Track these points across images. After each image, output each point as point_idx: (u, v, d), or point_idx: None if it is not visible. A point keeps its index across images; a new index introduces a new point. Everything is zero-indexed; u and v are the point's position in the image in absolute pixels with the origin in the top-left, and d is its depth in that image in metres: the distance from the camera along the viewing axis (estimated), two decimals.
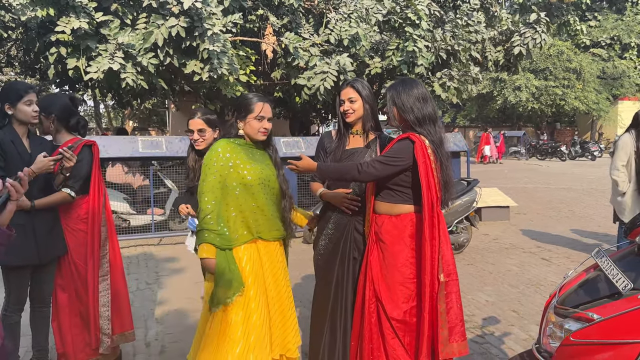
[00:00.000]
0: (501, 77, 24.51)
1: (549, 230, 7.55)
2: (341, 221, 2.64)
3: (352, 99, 2.65)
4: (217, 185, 2.28)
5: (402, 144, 2.32)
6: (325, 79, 6.55)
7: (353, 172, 2.35)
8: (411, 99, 2.39)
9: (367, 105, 2.68)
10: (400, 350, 2.30)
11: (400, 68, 7.19)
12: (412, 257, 2.34)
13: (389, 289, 2.33)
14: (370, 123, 2.70)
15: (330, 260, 2.66)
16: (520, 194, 11.43)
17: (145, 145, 6.57)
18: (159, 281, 5.20)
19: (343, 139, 2.72)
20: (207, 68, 5.96)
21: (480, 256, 6.04)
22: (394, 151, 2.33)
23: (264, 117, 2.42)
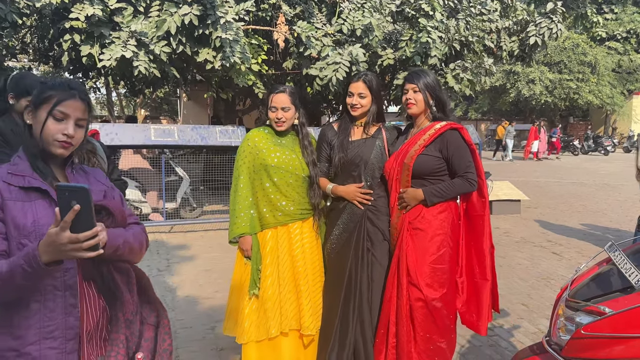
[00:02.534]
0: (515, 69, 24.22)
1: (560, 224, 7.50)
2: (356, 211, 2.65)
3: (362, 94, 2.65)
4: (246, 170, 2.62)
5: (458, 138, 2.48)
6: (337, 70, 6.51)
7: (465, 187, 2.47)
8: (439, 85, 2.59)
9: (375, 100, 2.69)
10: (429, 319, 2.41)
11: (413, 59, 7.13)
12: (451, 244, 2.46)
13: (424, 273, 2.42)
14: (375, 116, 2.71)
15: (344, 251, 2.66)
16: (532, 187, 11.35)
17: (158, 133, 6.62)
18: (170, 268, 5.26)
19: (348, 131, 2.72)
20: (219, 56, 5.95)
21: None
22: (463, 148, 2.48)
23: (276, 108, 2.60)
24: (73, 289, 1.36)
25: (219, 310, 4.03)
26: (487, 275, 2.47)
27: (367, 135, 2.71)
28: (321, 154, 2.78)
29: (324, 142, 2.77)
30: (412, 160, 2.49)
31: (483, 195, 2.46)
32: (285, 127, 2.64)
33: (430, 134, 2.49)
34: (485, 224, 2.47)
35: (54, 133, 1.39)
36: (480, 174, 2.46)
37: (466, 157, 2.46)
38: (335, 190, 2.69)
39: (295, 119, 2.68)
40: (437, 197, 2.46)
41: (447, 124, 2.49)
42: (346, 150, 2.67)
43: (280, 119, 2.60)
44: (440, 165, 2.49)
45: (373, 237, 2.64)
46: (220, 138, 6.90)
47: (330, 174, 2.78)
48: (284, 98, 2.60)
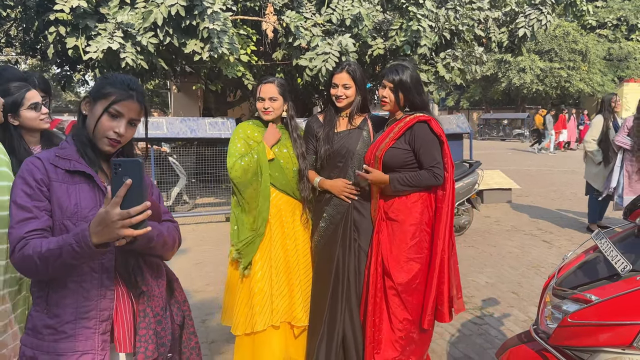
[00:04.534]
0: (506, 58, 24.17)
1: (551, 213, 7.54)
2: (341, 203, 2.66)
3: (346, 85, 2.63)
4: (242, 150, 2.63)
5: (426, 131, 2.47)
6: (327, 60, 6.47)
7: (430, 180, 2.46)
8: (419, 82, 2.56)
9: (360, 91, 2.68)
10: (400, 307, 2.46)
11: (403, 49, 7.10)
12: (421, 232, 2.48)
13: (397, 262, 2.46)
14: (359, 107, 2.70)
15: (331, 242, 2.68)
16: (523, 176, 11.39)
17: None
18: None
19: (333, 122, 2.71)
20: (207, 47, 5.89)
21: (482, 238, 6.04)
22: (431, 141, 2.47)
23: (263, 98, 2.62)
24: (109, 272, 1.40)
25: (210, 303, 4.02)
26: (434, 267, 2.47)
27: (352, 126, 2.70)
28: (308, 146, 2.77)
29: (309, 134, 2.77)
30: (382, 152, 2.51)
31: (444, 188, 2.48)
32: (273, 116, 2.65)
33: (400, 127, 2.51)
34: (443, 217, 2.47)
35: (106, 129, 1.44)
36: (447, 166, 2.47)
37: (433, 151, 2.46)
38: (322, 184, 2.69)
39: (283, 110, 2.69)
40: (401, 184, 2.47)
41: (415, 117, 2.49)
42: (332, 142, 2.66)
43: (267, 108, 2.63)
44: (410, 157, 2.50)
45: (360, 226, 2.65)
46: (209, 130, 6.85)
47: (317, 166, 2.77)
48: (271, 88, 2.63)
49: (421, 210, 2.50)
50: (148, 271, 1.46)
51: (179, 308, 1.59)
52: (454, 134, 8.02)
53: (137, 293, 1.44)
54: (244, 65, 6.70)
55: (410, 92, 2.50)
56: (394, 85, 2.50)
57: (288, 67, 7.83)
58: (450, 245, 2.50)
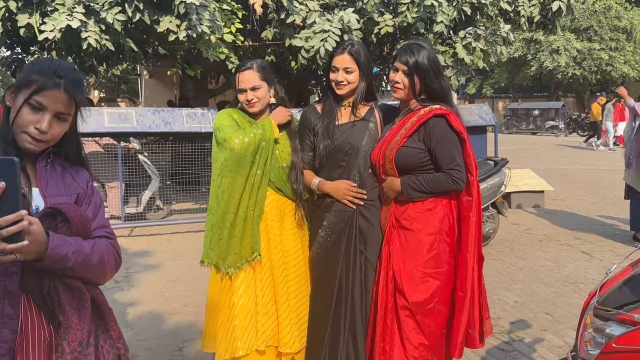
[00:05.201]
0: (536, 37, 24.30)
1: (591, 220, 7.56)
2: (346, 209, 2.67)
3: (348, 69, 2.65)
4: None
5: (443, 127, 2.49)
6: (326, 40, 6.46)
7: (448, 185, 2.48)
8: (438, 65, 2.55)
9: (364, 76, 2.70)
10: (415, 331, 2.47)
11: (416, 26, 7.10)
12: (440, 243, 2.50)
13: (412, 278, 2.47)
14: (364, 94, 2.73)
15: (332, 255, 2.69)
16: (558, 176, 11.43)
17: (113, 118, 6.58)
18: (130, 279, 5.26)
19: (333, 113, 2.73)
20: (184, 25, 5.89)
21: (509, 249, 6.06)
22: (449, 139, 2.49)
23: (244, 89, 2.68)
24: (13, 297, 1.35)
25: (187, 327, 4.03)
26: (464, 288, 2.48)
27: (356, 118, 2.72)
28: (304, 141, 2.79)
29: (306, 127, 2.79)
30: (392, 152, 2.54)
31: (470, 194, 2.49)
32: (259, 107, 2.70)
33: (413, 122, 2.52)
34: (471, 228, 2.48)
35: (25, 124, 1.43)
36: (470, 168, 2.48)
37: (451, 151, 2.48)
38: (321, 186, 2.71)
39: (270, 97, 2.74)
40: (415, 190, 2.49)
41: (430, 110, 2.50)
42: (332, 137, 2.68)
43: (252, 100, 2.67)
44: (425, 158, 2.53)
45: (366, 235, 2.66)
46: (187, 123, 6.86)
47: (315, 165, 2.79)
48: (251, 76, 2.67)
49: (441, 218, 2.51)
50: (65, 297, 1.41)
51: (112, 345, 1.54)
52: (476, 126, 8.06)
53: (55, 323, 1.41)
54: (228, 46, 6.70)
55: (428, 76, 2.50)
56: (409, 69, 2.51)
57: (280, 48, 7.83)
58: (479, 260, 2.52)
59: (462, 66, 7.64)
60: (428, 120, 2.49)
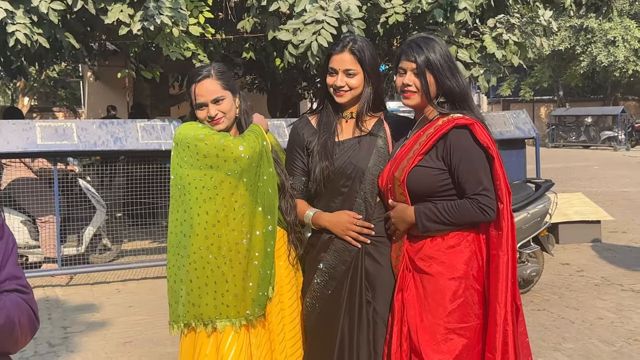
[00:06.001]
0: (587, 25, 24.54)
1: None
2: (349, 248, 2.70)
3: (350, 71, 2.71)
4: None
5: (467, 141, 2.54)
6: (319, 33, 6.51)
7: (474, 215, 2.51)
8: (452, 60, 2.65)
9: (370, 79, 2.76)
10: None
11: (432, 14, 7.18)
12: (467, 290, 2.53)
13: (432, 335, 2.48)
14: (370, 103, 2.79)
15: (332, 307, 2.70)
16: (618, 201, 11.45)
17: (47, 133, 6.56)
18: (68, 341, 5.18)
19: (332, 127, 2.79)
20: (139, 15, 5.92)
21: (558, 297, 6.04)
22: (475, 157, 2.53)
23: (204, 104, 2.72)
24: None
25: None
26: (493, 347, 2.48)
27: (361, 132, 2.78)
28: (294, 163, 2.84)
29: (297, 145, 2.86)
30: (403, 173, 2.57)
31: (499, 227, 2.52)
32: (226, 123, 2.77)
33: (429, 135, 2.58)
34: (502, 270, 2.50)
35: None
36: (500, 194, 2.52)
37: (477, 171, 2.52)
38: (317, 219, 2.75)
39: (236, 107, 2.82)
40: (433, 221, 2.52)
41: (451, 120, 2.56)
42: (331, 157, 2.73)
43: (215, 116, 2.72)
44: (445, 180, 2.58)
45: (375, 281, 2.69)
46: (144, 139, 6.87)
47: (310, 192, 2.82)
48: (211, 85, 2.73)
49: (467, 258, 2.55)
50: None
51: None
52: (512, 139, 8.10)
53: None
54: (195, 41, 6.75)
55: (442, 73, 2.60)
56: (419, 67, 2.59)
57: (261, 42, 7.90)
58: (514, 310, 2.53)
59: (493, 63, 7.70)
60: (448, 133, 2.54)
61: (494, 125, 7.93)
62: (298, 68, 8.07)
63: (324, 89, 2.83)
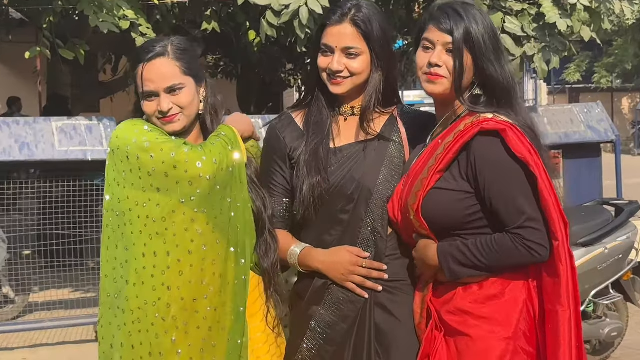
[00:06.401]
0: None
1: None
2: (349, 298, 2.71)
3: (352, 50, 2.71)
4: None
5: (498, 153, 2.53)
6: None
7: (516, 254, 2.50)
8: (498, 39, 2.70)
9: (380, 62, 2.76)
10: None
11: None
12: (516, 354, 2.53)
13: None
14: (380, 94, 2.80)
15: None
16: None
17: None
18: None
19: (325, 128, 2.79)
20: None
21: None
22: (511, 177, 2.53)
23: (155, 92, 2.66)
24: None
25: None
26: None
27: (367, 135, 2.80)
28: (272, 180, 2.85)
29: (276, 154, 2.85)
30: (417, 200, 2.57)
31: (556, 273, 2.51)
32: (184, 123, 2.70)
33: (448, 145, 2.58)
34: (562, 330, 2.49)
35: None
36: (554, 225, 2.49)
37: (515, 196, 2.52)
38: (307, 258, 2.74)
39: (200, 102, 2.76)
40: (462, 265, 2.54)
41: (475, 124, 2.57)
42: (325, 170, 2.73)
43: (168, 111, 2.65)
44: (475, 208, 2.59)
45: (390, 343, 2.69)
46: (62, 145, 6.85)
47: (295, 219, 2.85)
48: (166, 67, 2.67)
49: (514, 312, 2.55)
50: None
51: None
52: (582, 144, 8.09)
53: None
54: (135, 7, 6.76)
55: (485, 55, 2.61)
56: (455, 41, 2.58)
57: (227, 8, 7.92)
58: None
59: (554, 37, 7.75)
60: (471, 142, 2.55)
61: (557, 123, 7.91)
62: (280, 44, 8.11)
63: (314, 75, 2.85)
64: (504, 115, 2.56)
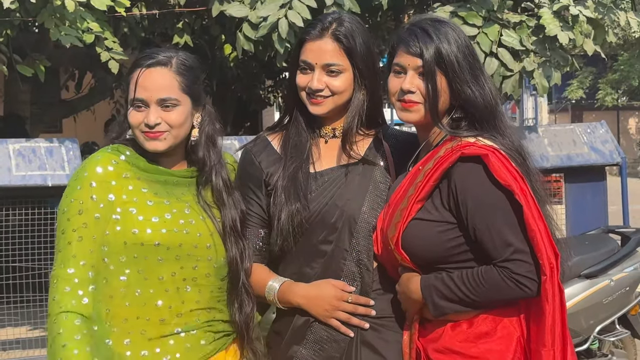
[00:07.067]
0: None
1: None
2: (334, 336, 2.73)
3: (333, 67, 2.74)
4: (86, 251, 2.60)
5: (480, 180, 2.55)
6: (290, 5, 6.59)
7: (504, 288, 2.50)
8: (474, 56, 2.75)
9: (364, 80, 2.80)
10: None
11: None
12: None
13: None
14: (363, 114, 2.83)
15: None
16: None
17: None
18: None
19: (304, 151, 2.82)
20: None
21: None
22: (495, 205, 2.54)
23: (144, 102, 2.66)
24: None
25: None
26: None
27: (350, 159, 2.84)
28: (248, 208, 2.87)
29: (251, 180, 2.89)
30: (396, 232, 2.60)
31: (542, 312, 2.52)
32: (170, 142, 2.71)
33: (428, 172, 2.60)
34: None
35: None
36: (542, 257, 2.49)
37: (499, 226, 2.53)
38: (287, 294, 2.75)
39: (194, 126, 2.77)
40: (447, 299, 2.55)
41: (455, 149, 2.59)
42: (305, 196, 2.76)
43: (155, 127, 2.65)
44: (458, 240, 2.60)
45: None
46: (19, 169, 6.81)
47: (273, 251, 2.86)
48: (163, 79, 2.67)
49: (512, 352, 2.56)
50: None
51: None
52: (585, 167, 8.09)
53: None
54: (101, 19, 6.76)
55: (460, 75, 2.65)
56: (425, 64, 2.62)
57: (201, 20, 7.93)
58: None
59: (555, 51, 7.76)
60: (452, 168, 2.57)
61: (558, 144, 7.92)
62: (258, 59, 8.11)
63: (292, 94, 2.87)
64: (487, 139, 2.60)
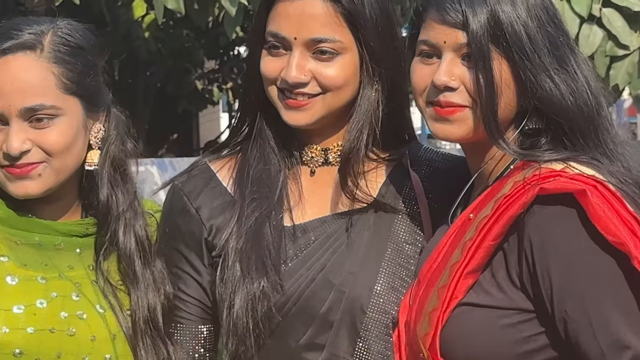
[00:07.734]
0: None
1: None
2: None
3: (323, 43, 2.43)
4: None
5: (578, 245, 2.16)
6: None
7: None
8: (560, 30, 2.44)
9: (375, 66, 2.48)
10: None
11: None
12: None
13: None
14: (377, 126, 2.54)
15: None
16: None
17: None
18: None
19: (275, 187, 2.55)
20: None
21: None
22: (598, 277, 2.15)
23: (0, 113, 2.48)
24: None
25: None
26: None
27: (354, 202, 2.56)
28: (178, 286, 2.60)
29: (184, 241, 2.61)
30: (431, 327, 2.24)
31: None
32: (43, 185, 2.45)
33: (485, 222, 2.22)
34: None
35: None
36: None
37: (607, 313, 2.13)
38: None
39: (84, 147, 2.52)
40: None
41: (533, 179, 2.18)
42: (277, 267, 2.46)
43: (20, 156, 2.38)
44: (538, 341, 2.23)
45: None
46: None
47: (222, 357, 2.67)
48: (28, 73, 2.40)
49: None
50: None
51: None
52: None
53: None
54: None
55: (531, 61, 2.27)
56: (475, 41, 2.26)
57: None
58: None
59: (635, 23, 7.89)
60: (525, 216, 2.18)
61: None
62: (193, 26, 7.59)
63: (254, 88, 2.59)
64: (584, 165, 2.24)
